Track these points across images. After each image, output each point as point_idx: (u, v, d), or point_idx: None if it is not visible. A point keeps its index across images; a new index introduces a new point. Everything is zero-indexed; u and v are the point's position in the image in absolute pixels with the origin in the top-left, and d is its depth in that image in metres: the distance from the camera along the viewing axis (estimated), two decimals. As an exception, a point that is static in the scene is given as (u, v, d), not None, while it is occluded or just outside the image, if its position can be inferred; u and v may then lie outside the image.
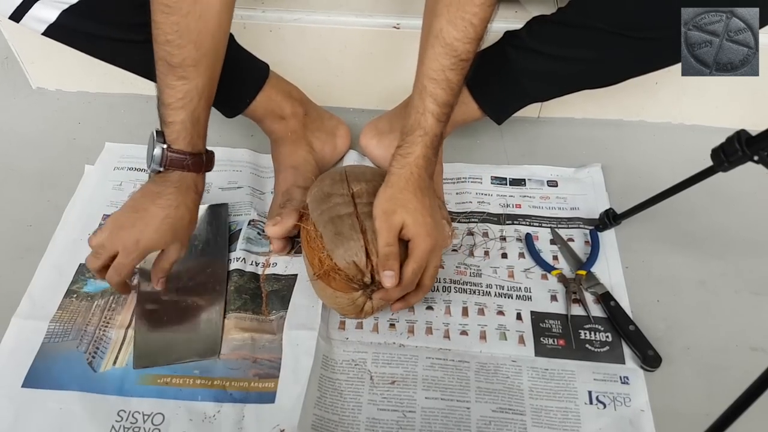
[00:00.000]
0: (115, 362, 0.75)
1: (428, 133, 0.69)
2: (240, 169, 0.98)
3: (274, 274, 0.83)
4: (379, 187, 0.72)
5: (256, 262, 0.85)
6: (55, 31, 0.74)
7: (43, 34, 0.74)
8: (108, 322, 0.78)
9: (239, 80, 0.84)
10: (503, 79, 0.84)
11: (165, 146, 0.68)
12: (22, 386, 0.72)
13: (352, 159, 0.97)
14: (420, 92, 0.69)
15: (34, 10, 0.71)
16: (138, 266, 0.74)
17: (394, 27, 0.97)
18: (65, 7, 0.71)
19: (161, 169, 0.69)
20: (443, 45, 0.66)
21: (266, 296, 0.81)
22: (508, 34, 0.84)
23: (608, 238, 0.87)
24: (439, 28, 0.66)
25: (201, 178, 0.73)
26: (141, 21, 0.67)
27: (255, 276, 0.83)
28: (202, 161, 0.72)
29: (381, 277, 0.68)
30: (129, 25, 0.73)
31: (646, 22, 0.71)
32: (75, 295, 0.81)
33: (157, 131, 0.70)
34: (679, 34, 0.69)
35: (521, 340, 0.77)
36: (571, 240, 0.88)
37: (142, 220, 0.69)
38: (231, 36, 0.84)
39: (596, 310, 0.80)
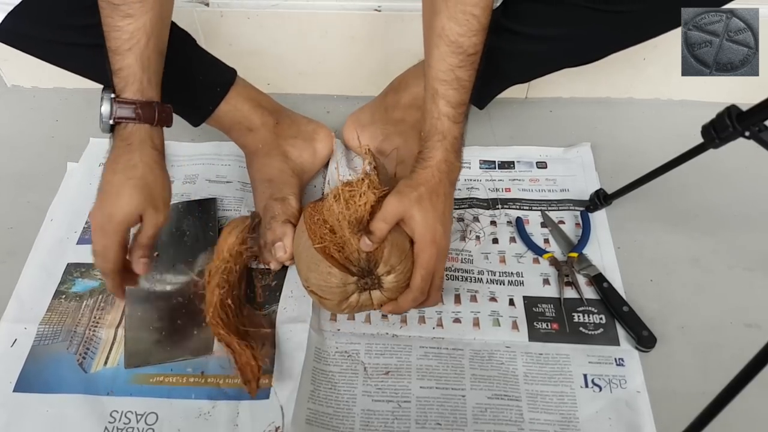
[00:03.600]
0: (106, 362, 0.74)
1: (446, 137, 0.66)
2: (228, 164, 0.96)
3: (266, 268, 0.82)
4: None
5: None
6: (5, 35, 0.72)
7: None
8: (98, 322, 0.77)
9: (201, 86, 0.82)
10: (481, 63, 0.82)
11: (113, 96, 0.64)
12: (14, 391, 0.72)
13: (338, 151, 0.95)
14: (432, 96, 0.66)
15: None
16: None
17: (375, 10, 0.95)
18: (9, 9, 0.68)
19: (112, 123, 0.64)
20: (448, 44, 0.64)
21: (260, 290, 0.80)
22: None
23: (599, 218, 0.87)
24: (441, 26, 0.64)
25: (157, 132, 0.67)
26: (88, 23, 0.65)
27: (249, 271, 0.82)
28: (154, 111, 0.66)
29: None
30: (76, 28, 0.71)
31: None
32: (64, 296, 0.80)
33: (105, 87, 0.65)
34: (653, 6, 0.68)
35: (515, 326, 0.76)
36: (562, 222, 0.87)
37: (107, 194, 0.64)
38: (192, 39, 0.82)
39: (589, 293, 0.79)
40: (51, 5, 0.70)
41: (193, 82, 0.80)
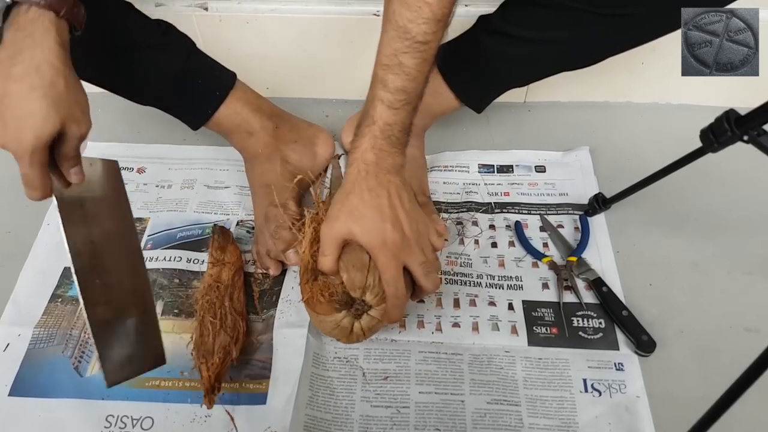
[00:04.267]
0: (101, 366, 0.74)
1: (376, 122, 0.62)
2: (227, 168, 0.96)
3: (263, 272, 0.82)
4: None
5: (245, 261, 0.84)
6: None
7: None
8: (93, 326, 0.77)
9: (201, 89, 0.81)
10: (479, 66, 0.82)
11: None
12: (9, 395, 0.72)
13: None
14: (372, 82, 0.64)
15: None
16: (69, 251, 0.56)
17: (374, 14, 0.95)
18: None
19: (9, 1, 0.54)
20: (396, 28, 0.61)
21: (257, 295, 0.80)
22: (482, 19, 0.82)
23: (598, 222, 0.86)
24: (392, 10, 0.61)
25: (63, 27, 0.56)
26: (89, 26, 0.63)
27: (246, 276, 0.82)
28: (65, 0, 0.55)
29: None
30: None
31: None
32: (60, 299, 0.80)
33: None
34: (650, 9, 0.68)
35: (514, 330, 0.76)
36: (561, 226, 0.87)
37: (8, 108, 0.53)
38: (192, 43, 0.82)
39: (588, 297, 0.79)
40: None
41: (192, 85, 0.80)
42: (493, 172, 0.95)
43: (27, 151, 0.53)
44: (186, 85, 0.78)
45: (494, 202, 0.90)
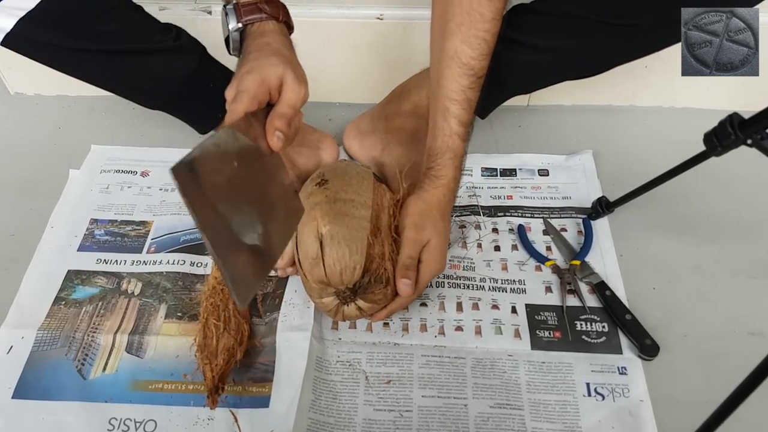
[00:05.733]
0: (104, 368, 0.74)
1: (457, 155, 0.70)
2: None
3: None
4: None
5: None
6: (13, 41, 0.71)
7: (0, 44, 0.71)
8: (96, 328, 0.77)
9: (212, 93, 0.81)
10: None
11: (234, 2, 0.66)
12: (12, 397, 0.71)
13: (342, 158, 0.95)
14: (443, 114, 0.69)
15: None
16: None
17: (378, 18, 0.95)
18: (22, 14, 0.67)
19: (241, 26, 0.65)
20: (460, 65, 0.67)
21: (260, 299, 0.80)
22: None
23: (601, 226, 0.86)
24: (454, 48, 0.66)
25: (283, 29, 0.68)
26: (100, 30, 0.64)
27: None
28: (279, 7, 0.67)
29: (398, 283, 0.69)
30: (87, 35, 0.71)
31: (627, 8, 0.69)
32: (63, 302, 0.80)
33: (225, 5, 0.67)
34: (659, 20, 0.68)
35: (517, 334, 0.76)
36: (564, 230, 0.87)
37: (243, 69, 0.61)
38: (203, 47, 0.82)
39: (591, 300, 0.79)
40: (64, 12, 0.70)
41: (203, 89, 0.80)
42: (496, 175, 0.95)
43: (254, 84, 0.58)
44: (197, 89, 0.78)
45: (497, 206, 0.90)
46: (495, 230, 0.87)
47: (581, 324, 0.76)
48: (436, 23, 0.71)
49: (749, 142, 0.61)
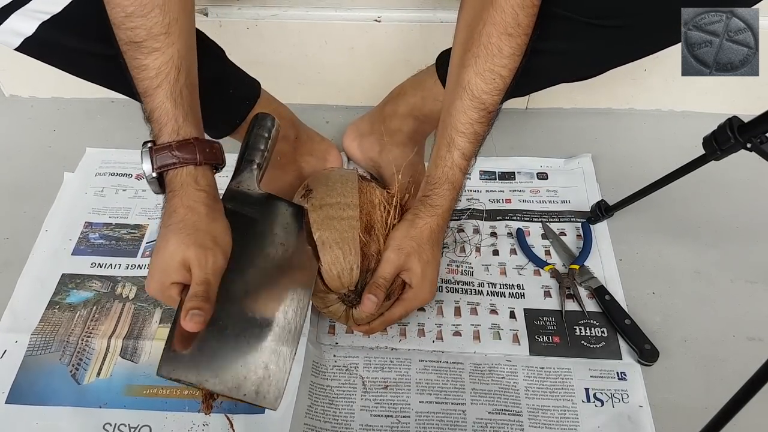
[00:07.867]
0: (99, 374, 0.73)
1: (456, 187, 0.69)
2: (226, 175, 0.93)
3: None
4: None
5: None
6: (31, 46, 0.69)
7: (16, 49, 0.68)
8: (91, 332, 0.77)
9: (232, 100, 0.80)
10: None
11: (150, 146, 0.59)
12: (6, 402, 0.71)
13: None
14: (448, 144, 0.68)
15: (11, 22, 0.64)
16: None
17: (375, 20, 0.95)
18: (45, 17, 0.65)
19: (155, 175, 0.59)
20: (471, 98, 0.65)
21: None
22: None
23: (601, 230, 0.86)
24: (467, 80, 0.65)
25: (202, 173, 0.60)
26: None
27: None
28: (194, 150, 0.58)
29: (363, 298, 0.67)
30: (113, 40, 0.70)
31: (615, 9, 0.69)
32: (57, 306, 0.79)
33: (144, 142, 0.60)
34: (649, 20, 0.67)
35: (515, 339, 0.75)
36: (563, 234, 0.87)
37: (155, 251, 0.59)
38: (222, 51, 0.81)
39: (591, 305, 0.78)
40: (91, 16, 0.68)
41: (223, 95, 0.79)
42: (495, 178, 0.94)
43: (164, 284, 0.57)
44: (217, 94, 0.77)
45: (496, 210, 0.90)
46: (493, 234, 0.87)
47: (580, 329, 0.76)
48: (457, 48, 0.70)
49: (749, 145, 0.61)
